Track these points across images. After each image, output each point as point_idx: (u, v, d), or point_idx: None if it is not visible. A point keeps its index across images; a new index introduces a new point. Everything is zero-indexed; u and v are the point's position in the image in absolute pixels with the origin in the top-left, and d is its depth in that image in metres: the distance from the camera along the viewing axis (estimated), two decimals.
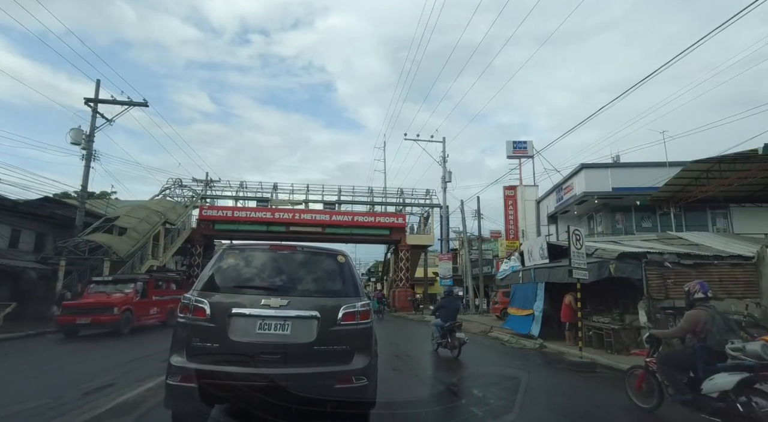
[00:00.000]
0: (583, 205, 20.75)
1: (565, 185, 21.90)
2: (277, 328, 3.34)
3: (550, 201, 25.30)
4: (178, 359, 3.27)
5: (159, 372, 5.21)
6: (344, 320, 3.47)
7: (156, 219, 22.69)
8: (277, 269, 3.78)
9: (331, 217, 30.73)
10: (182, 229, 28.30)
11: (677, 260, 9.52)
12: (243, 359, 3.21)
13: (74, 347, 10.42)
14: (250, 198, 31.53)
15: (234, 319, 3.32)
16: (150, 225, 21.83)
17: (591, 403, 5.75)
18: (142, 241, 20.61)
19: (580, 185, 19.82)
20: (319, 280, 3.78)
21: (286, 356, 3.27)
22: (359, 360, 3.42)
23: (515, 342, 12.58)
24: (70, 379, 6.29)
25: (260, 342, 3.29)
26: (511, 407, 4.51)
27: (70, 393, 5.28)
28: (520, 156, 28.00)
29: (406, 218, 32.26)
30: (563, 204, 22.17)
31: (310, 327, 3.38)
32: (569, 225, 16.95)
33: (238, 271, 3.77)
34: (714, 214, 19.01)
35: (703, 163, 12.92)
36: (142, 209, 22.56)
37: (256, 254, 3.93)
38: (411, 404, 5.09)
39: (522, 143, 28.30)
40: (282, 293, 3.53)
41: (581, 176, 19.68)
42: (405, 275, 31.58)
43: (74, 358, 8.67)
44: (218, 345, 3.25)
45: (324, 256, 3.95)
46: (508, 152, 28.32)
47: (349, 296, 3.67)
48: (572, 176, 20.72)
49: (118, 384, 5.88)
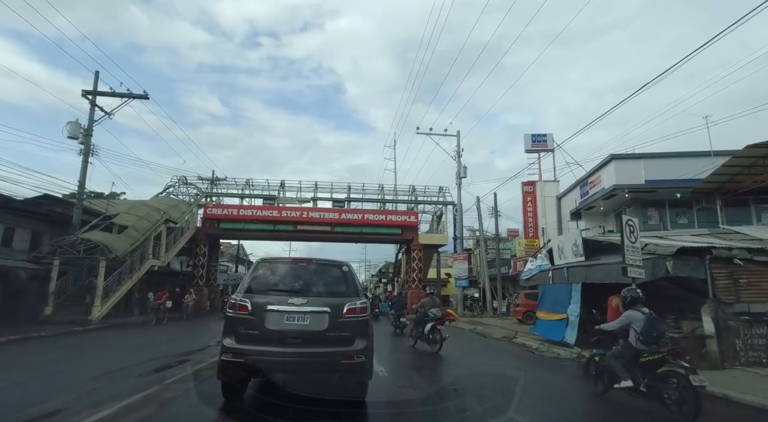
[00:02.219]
0: (611, 200, 19.15)
1: (590, 179, 20.35)
2: (299, 320, 4.47)
3: (572, 197, 23.73)
4: (229, 341, 4.43)
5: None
6: (347, 313, 4.61)
7: (157, 217, 21.66)
8: (298, 276, 5.00)
9: (341, 215, 29.48)
10: (186, 228, 27.31)
11: (749, 256, 8.03)
12: (275, 341, 4.36)
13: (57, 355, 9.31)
14: (257, 196, 30.46)
15: (268, 313, 4.46)
16: (151, 223, 20.79)
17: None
18: (141, 239, 19.57)
19: (608, 178, 18.26)
20: (329, 284, 4.98)
21: (305, 340, 4.43)
22: (359, 343, 4.59)
23: (546, 350, 11.15)
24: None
25: (287, 329, 4.42)
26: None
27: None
28: (539, 150, 26.44)
29: (418, 216, 30.87)
30: (588, 200, 20.60)
31: (322, 319, 4.52)
32: (624, 214, 15.50)
33: (269, 278, 4.97)
34: (759, 208, 17.27)
35: (761, 147, 11.35)
36: (143, 207, 21.56)
37: (282, 266, 5.22)
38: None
39: (541, 136, 26.75)
40: (302, 294, 4.68)
41: (610, 167, 18.12)
42: (417, 275, 30.17)
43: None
44: (258, 331, 4.40)
45: (332, 266, 5.20)
46: (527, 146, 26.78)
47: (351, 296, 4.84)
48: (600, 169, 19.16)
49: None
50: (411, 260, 30.40)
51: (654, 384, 4.95)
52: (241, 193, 30.35)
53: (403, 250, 37.88)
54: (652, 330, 5.12)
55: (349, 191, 31.08)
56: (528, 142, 26.58)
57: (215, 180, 30.75)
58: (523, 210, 26.29)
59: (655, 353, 5.07)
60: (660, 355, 5.02)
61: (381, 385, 6.15)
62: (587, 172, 20.59)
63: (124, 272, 19.12)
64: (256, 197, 30.46)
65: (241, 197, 30.36)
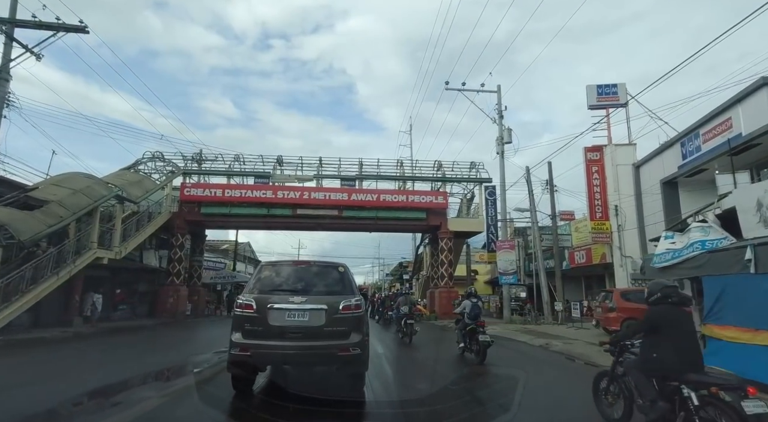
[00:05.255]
0: (746, 154, 12.87)
1: (705, 129, 14.06)
2: (299, 316, 4.92)
3: (659, 163, 17.52)
4: (237, 336, 4.88)
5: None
6: (343, 310, 5.03)
7: (103, 192, 16.09)
8: (298, 277, 5.48)
9: (350, 196, 23.62)
10: (156, 212, 21.76)
11: None
12: (278, 336, 4.83)
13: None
14: (248, 173, 24.79)
15: (271, 311, 4.90)
16: (90, 200, 15.21)
17: None
18: (68, 219, 13.97)
19: (751, 117, 12.02)
20: (326, 284, 5.42)
21: (305, 334, 4.89)
22: (354, 337, 5.01)
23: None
24: None
25: (289, 325, 4.88)
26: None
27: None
28: (606, 105, 20.17)
29: (447, 196, 24.81)
30: (697, 160, 14.37)
31: (320, 315, 4.95)
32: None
33: (272, 279, 5.45)
34: None
35: None
36: (83, 179, 15.99)
37: (284, 268, 5.75)
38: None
39: (610, 86, 20.48)
40: (302, 293, 5.13)
41: (759, 99, 11.84)
42: (447, 270, 24.18)
43: None
44: (262, 328, 4.86)
45: (330, 268, 5.70)
46: (590, 102, 20.50)
47: (346, 294, 5.25)
48: (731, 107, 12.90)
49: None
50: (438, 252, 24.39)
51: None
52: (229, 169, 24.71)
53: (426, 241, 31.93)
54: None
55: (361, 168, 25.22)
56: (592, 95, 20.35)
57: (201, 159, 25.11)
58: (587, 183, 20.07)
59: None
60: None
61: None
62: (702, 118, 14.27)
63: (45, 266, 13.56)
64: (246, 175, 24.81)
65: (229, 175, 24.72)
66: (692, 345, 3.76)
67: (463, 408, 5.12)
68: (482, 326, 8.59)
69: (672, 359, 3.62)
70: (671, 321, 3.76)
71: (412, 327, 11.65)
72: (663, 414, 3.56)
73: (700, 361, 3.71)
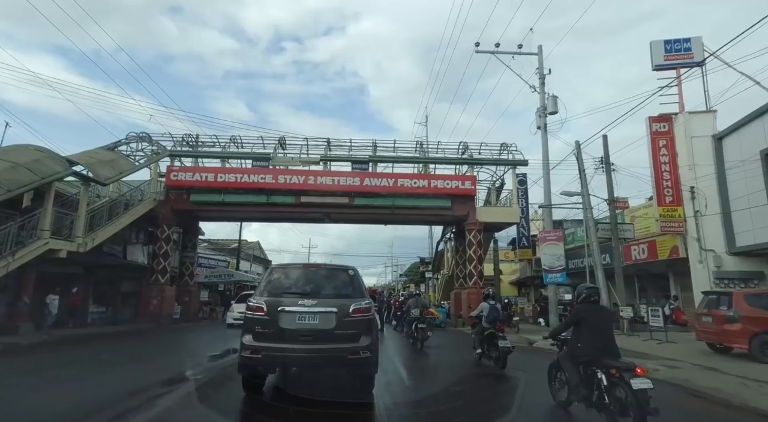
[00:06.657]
0: None
1: None
2: (309, 319, 4.93)
3: (760, 130, 13.74)
4: (248, 338, 4.92)
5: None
6: (353, 313, 5.04)
7: (56, 168, 12.97)
8: (308, 280, 5.54)
9: (363, 181, 20.20)
10: (136, 199, 18.68)
11: None
12: (288, 339, 4.84)
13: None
14: (245, 155, 21.55)
15: (282, 314, 4.93)
16: (37, 177, 12.11)
17: None
18: (2, 196, 10.83)
19: None
20: (336, 287, 5.46)
21: (315, 337, 4.91)
22: (364, 340, 5.01)
23: None
24: None
25: (299, 328, 4.90)
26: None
27: None
28: (678, 64, 16.30)
29: (476, 181, 21.19)
30: None
31: (330, 318, 4.96)
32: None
33: (282, 282, 5.51)
34: None
35: None
36: (30, 151, 12.89)
37: (294, 271, 5.81)
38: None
39: (682, 41, 16.63)
40: (312, 296, 5.15)
41: None
42: (476, 268, 20.56)
43: None
44: (273, 330, 4.89)
45: (339, 271, 5.75)
46: (656, 61, 16.61)
47: (356, 298, 5.28)
48: None
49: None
50: (466, 247, 20.78)
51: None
52: (224, 151, 21.50)
53: (449, 236, 28.33)
54: None
55: (375, 150, 21.77)
56: (659, 53, 16.44)
57: (195, 143, 21.90)
58: (652, 160, 16.28)
59: None
60: None
61: None
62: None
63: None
64: (243, 157, 21.59)
65: (223, 157, 21.52)
66: (608, 336, 4.52)
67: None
68: (501, 330, 8.22)
69: (590, 348, 4.45)
70: (592, 317, 4.63)
71: (425, 332, 11.25)
72: (583, 395, 4.43)
73: (615, 349, 4.43)
